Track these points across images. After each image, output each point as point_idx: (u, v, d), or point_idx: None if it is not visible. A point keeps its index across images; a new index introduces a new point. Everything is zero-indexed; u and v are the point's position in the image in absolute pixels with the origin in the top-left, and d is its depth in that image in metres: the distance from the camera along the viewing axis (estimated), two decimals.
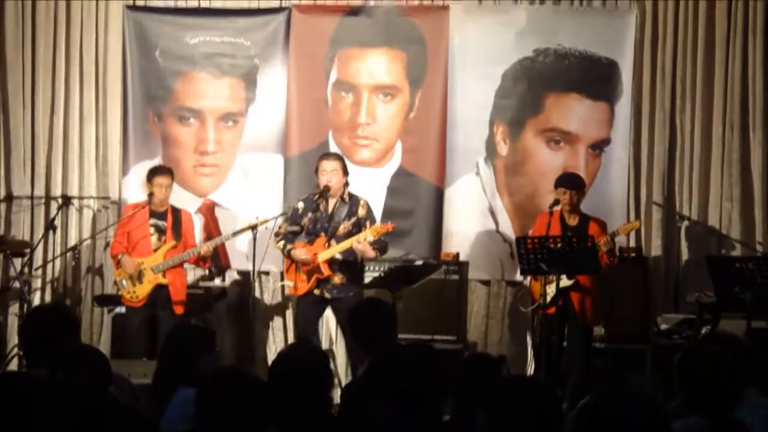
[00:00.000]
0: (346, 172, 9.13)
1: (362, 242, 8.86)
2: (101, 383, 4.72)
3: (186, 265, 9.67)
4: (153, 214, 9.44)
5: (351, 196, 9.15)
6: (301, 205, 9.22)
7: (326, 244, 8.97)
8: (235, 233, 9.63)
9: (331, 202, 9.07)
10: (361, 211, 9.10)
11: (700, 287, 9.48)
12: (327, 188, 8.97)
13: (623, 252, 10.00)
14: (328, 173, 9.00)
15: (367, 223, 9.05)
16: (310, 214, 9.10)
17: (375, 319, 6.22)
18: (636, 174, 10.46)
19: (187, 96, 10.70)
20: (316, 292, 8.98)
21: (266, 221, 9.35)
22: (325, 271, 8.92)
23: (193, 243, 9.58)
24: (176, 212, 9.57)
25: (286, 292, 10.18)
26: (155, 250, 9.37)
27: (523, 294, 10.22)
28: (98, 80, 10.74)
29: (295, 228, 9.16)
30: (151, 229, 9.42)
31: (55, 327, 5.41)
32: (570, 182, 9.30)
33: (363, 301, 7.80)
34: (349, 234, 8.98)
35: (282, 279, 9.41)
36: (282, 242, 9.08)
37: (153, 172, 9.56)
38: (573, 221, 9.19)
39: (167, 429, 4.49)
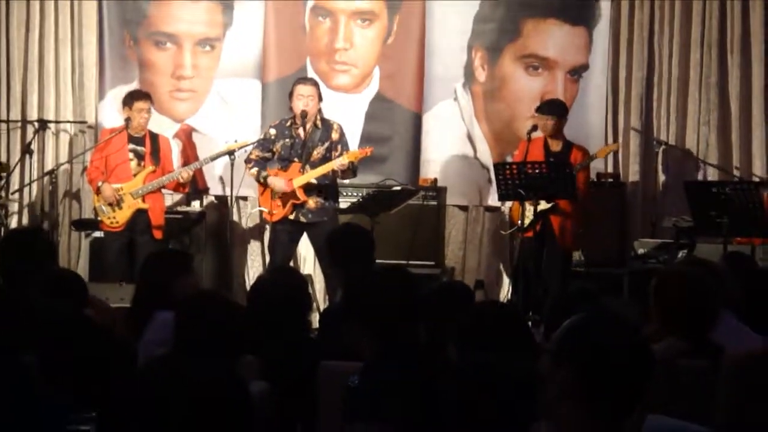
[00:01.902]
0: (320, 99, 9.10)
1: (338, 168, 8.87)
2: (78, 305, 4.73)
3: (164, 190, 9.65)
4: (131, 139, 9.40)
5: (324, 120, 9.13)
6: (273, 131, 9.18)
7: (301, 170, 8.95)
8: (213, 157, 9.62)
9: (305, 128, 9.03)
10: (335, 135, 9.08)
11: (677, 212, 9.54)
12: (304, 113, 8.93)
13: (601, 177, 10.04)
14: (305, 98, 8.96)
15: (339, 147, 9.04)
16: (283, 141, 9.07)
17: (352, 243, 6.25)
18: (614, 99, 10.46)
19: (163, 20, 10.61)
20: (291, 216, 8.99)
21: (245, 144, 9.35)
22: (301, 196, 8.92)
23: (172, 168, 9.56)
24: (154, 137, 9.53)
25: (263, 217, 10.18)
26: (134, 176, 9.34)
27: (503, 219, 10.29)
28: (73, 3, 10.61)
29: (267, 154, 9.15)
30: (130, 155, 9.39)
31: (32, 249, 5.42)
32: (549, 108, 9.31)
33: (341, 225, 7.81)
34: (324, 159, 8.97)
35: (258, 205, 9.39)
36: (255, 169, 9.06)
37: (131, 97, 9.50)
38: (556, 147, 9.19)
39: (145, 352, 4.51)
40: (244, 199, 10.47)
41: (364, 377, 3.68)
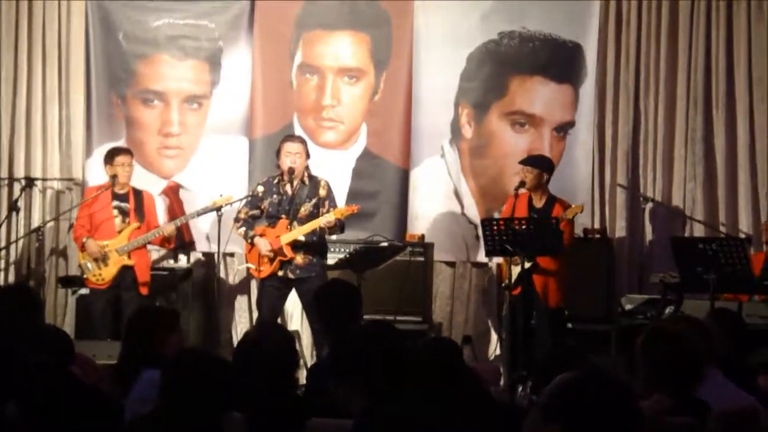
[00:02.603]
0: (308, 156, 9.11)
1: (324, 225, 8.87)
2: (64, 363, 4.71)
3: (150, 246, 9.65)
4: (115, 196, 9.41)
5: (311, 177, 9.13)
6: (260, 188, 9.19)
7: (288, 227, 8.95)
8: (199, 213, 9.62)
9: (293, 185, 9.04)
10: (322, 192, 9.08)
11: (664, 268, 9.54)
12: (291, 170, 8.95)
13: (588, 233, 10.06)
14: (293, 155, 8.97)
15: (327, 203, 9.05)
16: (270, 198, 9.08)
17: (340, 299, 6.23)
18: (600, 156, 10.51)
19: (151, 78, 10.65)
20: (280, 273, 8.98)
21: (230, 200, 9.35)
22: (288, 253, 8.91)
23: (156, 224, 9.57)
24: (138, 193, 9.55)
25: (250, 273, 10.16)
26: (119, 232, 9.34)
27: (491, 276, 10.31)
28: (61, 62, 10.67)
29: (255, 212, 9.15)
30: (115, 211, 9.39)
31: (18, 307, 5.41)
32: (533, 160, 9.34)
33: (328, 282, 7.81)
34: (311, 215, 8.97)
35: (245, 261, 9.37)
36: (243, 229, 9.06)
37: (111, 154, 9.52)
38: (539, 203, 9.20)
39: (131, 410, 4.49)
40: (231, 255, 10.47)
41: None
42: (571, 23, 10.49)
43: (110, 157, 9.49)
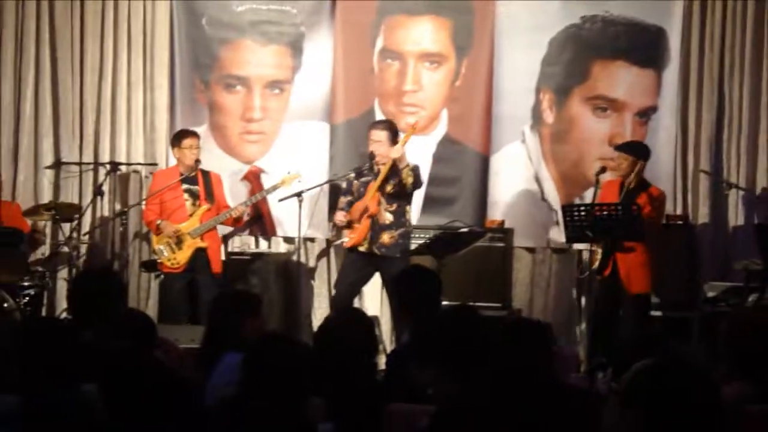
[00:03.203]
0: (395, 140, 9.13)
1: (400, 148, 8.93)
2: (147, 347, 4.77)
3: (229, 229, 9.75)
4: (184, 180, 9.51)
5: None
6: (352, 174, 9.29)
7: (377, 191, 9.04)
8: (268, 191, 9.70)
9: (383, 169, 9.09)
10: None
11: (747, 255, 9.44)
12: (372, 155, 9.01)
13: (670, 219, 9.97)
14: (374, 143, 9.06)
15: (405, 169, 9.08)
16: (361, 180, 9.17)
17: (420, 286, 6.24)
18: (683, 142, 10.40)
19: (234, 64, 10.72)
20: (363, 248, 9.02)
21: (297, 177, 9.45)
22: (373, 207, 8.99)
23: (226, 204, 9.67)
24: (206, 175, 9.65)
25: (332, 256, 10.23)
26: (190, 215, 9.44)
27: (572, 262, 10.28)
28: (146, 47, 10.76)
29: (350, 197, 9.25)
30: (185, 195, 9.50)
31: (102, 290, 5.48)
32: (630, 148, 9.19)
33: (408, 268, 7.82)
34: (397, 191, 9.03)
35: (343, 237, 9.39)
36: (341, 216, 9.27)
37: (178, 136, 9.66)
38: (631, 188, 9.09)
39: (213, 394, 4.53)
40: (312, 240, 10.52)
41: (435, 419, 3.67)
42: (654, 7, 10.39)
43: (176, 139, 9.62)
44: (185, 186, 9.51)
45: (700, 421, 2.66)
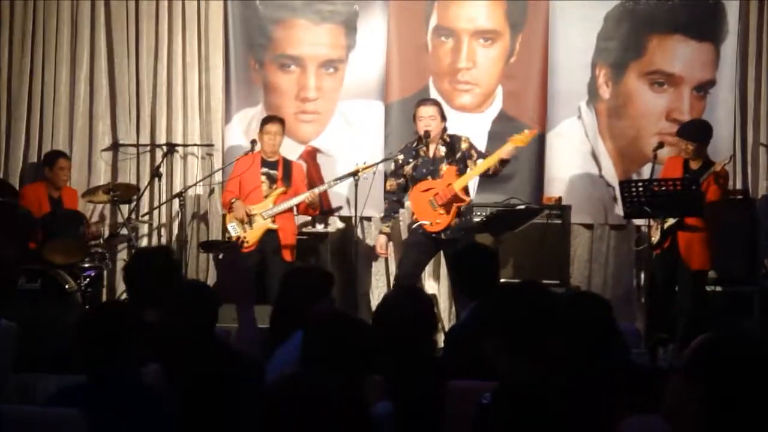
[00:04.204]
0: (444, 118, 9.11)
1: (506, 155, 8.92)
2: (210, 327, 4.78)
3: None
4: (264, 163, 9.56)
5: (451, 136, 9.13)
6: (401, 156, 9.22)
7: (458, 172, 8.97)
8: (337, 180, 9.69)
9: (432, 147, 9.05)
10: (464, 145, 9.07)
11: None
12: (427, 134, 8.96)
13: (729, 193, 9.87)
14: (426, 119, 9.00)
15: (473, 153, 9.03)
16: (413, 162, 9.11)
17: (478, 263, 6.22)
18: (742, 115, 10.32)
19: (288, 43, 10.73)
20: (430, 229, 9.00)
21: (368, 167, 9.40)
22: (464, 197, 8.95)
23: (304, 191, 9.65)
24: (288, 163, 9.70)
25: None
26: (265, 197, 9.48)
27: (631, 238, 10.22)
28: (200, 28, 10.80)
29: (401, 180, 9.21)
30: (263, 177, 9.53)
31: (160, 268, 5.50)
32: (691, 134, 9.07)
33: (466, 245, 7.79)
34: (459, 172, 8.97)
35: (413, 220, 9.34)
36: (386, 209, 9.29)
37: (264, 120, 9.71)
38: (695, 166, 9.01)
39: (277, 371, 4.53)
40: (368, 219, 10.52)
41: (498, 395, 3.65)
42: None
43: (262, 124, 9.67)
44: (264, 170, 9.56)
45: (762, 395, 2.63)
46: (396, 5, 10.60)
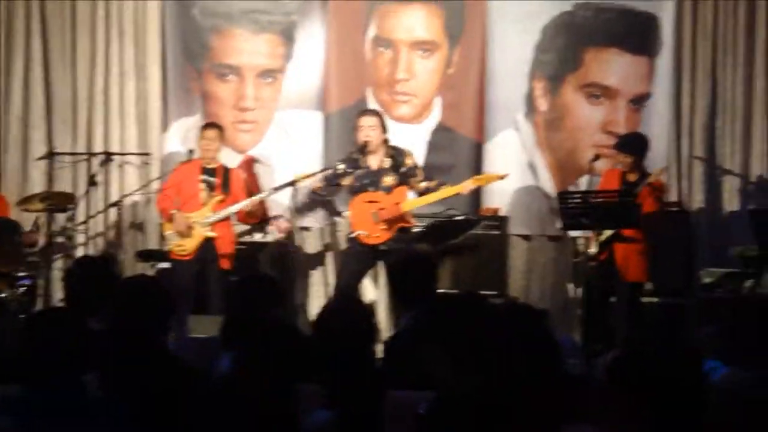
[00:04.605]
0: (384, 129, 9.11)
1: (465, 192, 8.95)
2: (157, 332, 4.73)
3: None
4: (203, 171, 9.50)
5: (395, 148, 9.14)
6: (341, 166, 9.20)
7: (408, 195, 8.97)
8: (276, 189, 9.66)
9: (374, 158, 9.04)
10: (409, 161, 9.09)
11: (743, 241, 9.45)
12: (366, 144, 8.96)
13: (665, 206, 9.96)
14: (366, 129, 8.99)
15: (417, 173, 9.04)
16: (353, 172, 9.09)
17: (415, 273, 6.21)
18: (677, 128, 10.43)
19: (226, 52, 10.69)
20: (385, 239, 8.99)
21: (306, 176, 9.38)
22: (410, 220, 8.95)
23: (243, 200, 9.60)
24: (226, 170, 9.63)
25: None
26: (203, 205, 9.42)
27: (568, 250, 10.28)
28: (137, 37, 10.71)
29: (332, 189, 9.20)
30: (201, 185, 9.47)
31: (100, 276, 5.43)
32: (628, 147, 9.12)
33: (403, 255, 7.79)
34: (398, 185, 8.97)
35: (351, 228, 9.32)
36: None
37: (202, 127, 9.68)
38: (632, 178, 9.08)
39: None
40: (307, 229, 10.49)
41: (436, 404, 3.66)
42: None
43: (200, 130, 9.62)
44: (203, 177, 9.49)
45: (686, 404, 2.66)
46: (334, 15, 10.59)
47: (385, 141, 9.08)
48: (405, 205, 8.89)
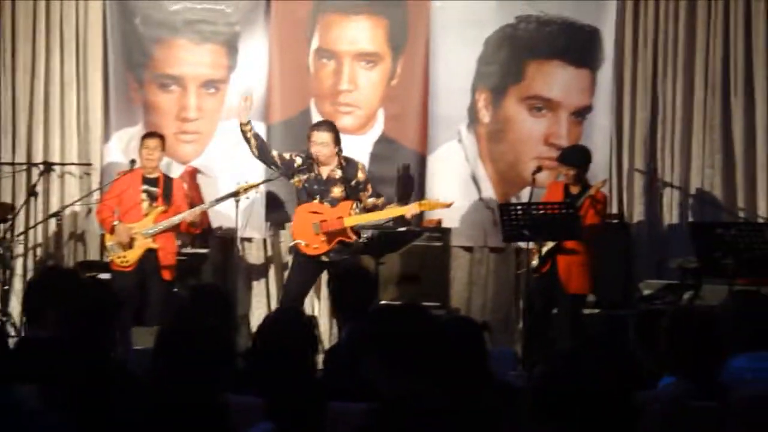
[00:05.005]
0: (337, 142, 9.08)
1: (409, 216, 8.98)
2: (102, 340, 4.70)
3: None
4: (145, 180, 9.44)
5: (348, 160, 9.13)
6: (299, 160, 9.16)
7: (352, 210, 8.96)
8: (218, 200, 9.63)
9: (325, 168, 9.03)
10: (361, 175, 9.09)
11: (682, 253, 9.53)
12: (313, 159, 8.95)
13: (606, 218, 10.03)
14: (317, 145, 8.97)
15: (369, 188, 9.05)
16: (308, 174, 9.07)
17: (353, 285, 6.22)
18: (618, 141, 10.50)
19: (168, 63, 10.64)
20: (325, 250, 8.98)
21: (249, 187, 9.36)
22: (351, 235, 8.94)
23: (184, 210, 9.55)
24: (168, 180, 9.58)
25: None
26: (145, 215, 9.35)
27: (510, 262, 10.32)
28: (78, 47, 10.66)
29: (281, 170, 9.16)
30: (143, 195, 9.41)
31: (61, 289, 5.37)
32: (571, 160, 9.15)
33: (343, 267, 7.80)
34: (346, 198, 8.96)
35: (292, 238, 9.30)
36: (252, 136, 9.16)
37: (143, 136, 9.61)
38: (575, 191, 9.11)
39: None
40: (249, 240, 10.46)
41: (377, 415, 3.65)
42: (588, 7, 10.46)
43: (141, 139, 9.56)
44: (145, 187, 9.43)
45: (612, 423, 2.68)
46: (277, 26, 10.58)
47: (338, 152, 9.07)
48: (347, 220, 8.88)
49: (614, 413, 2.70)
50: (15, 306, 9.93)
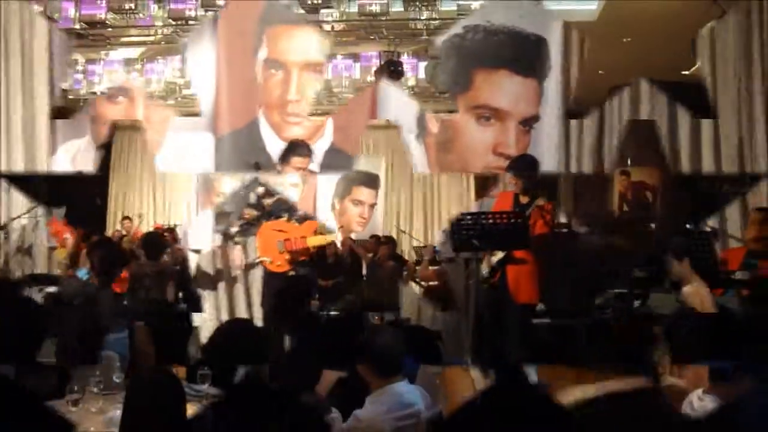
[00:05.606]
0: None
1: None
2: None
3: None
4: None
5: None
6: (261, 189, 9.23)
7: (316, 231, 9.03)
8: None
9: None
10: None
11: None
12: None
13: (555, 227, 10.06)
14: (298, 170, 9.11)
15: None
16: (275, 195, 9.14)
17: (290, 293, 6.25)
18: (566, 150, 10.53)
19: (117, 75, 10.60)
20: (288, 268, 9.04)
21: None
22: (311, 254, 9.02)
23: None
24: None
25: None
26: None
27: (460, 271, 10.32)
28: (24, 59, 10.57)
29: (256, 213, 9.22)
30: None
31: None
32: (520, 169, 9.20)
33: (282, 278, 7.82)
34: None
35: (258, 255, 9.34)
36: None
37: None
38: (525, 200, 9.14)
39: None
40: (197, 251, 10.42)
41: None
42: (534, 17, 10.50)
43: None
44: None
45: None
46: (224, 37, 10.55)
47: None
48: (310, 240, 8.92)
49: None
50: None
